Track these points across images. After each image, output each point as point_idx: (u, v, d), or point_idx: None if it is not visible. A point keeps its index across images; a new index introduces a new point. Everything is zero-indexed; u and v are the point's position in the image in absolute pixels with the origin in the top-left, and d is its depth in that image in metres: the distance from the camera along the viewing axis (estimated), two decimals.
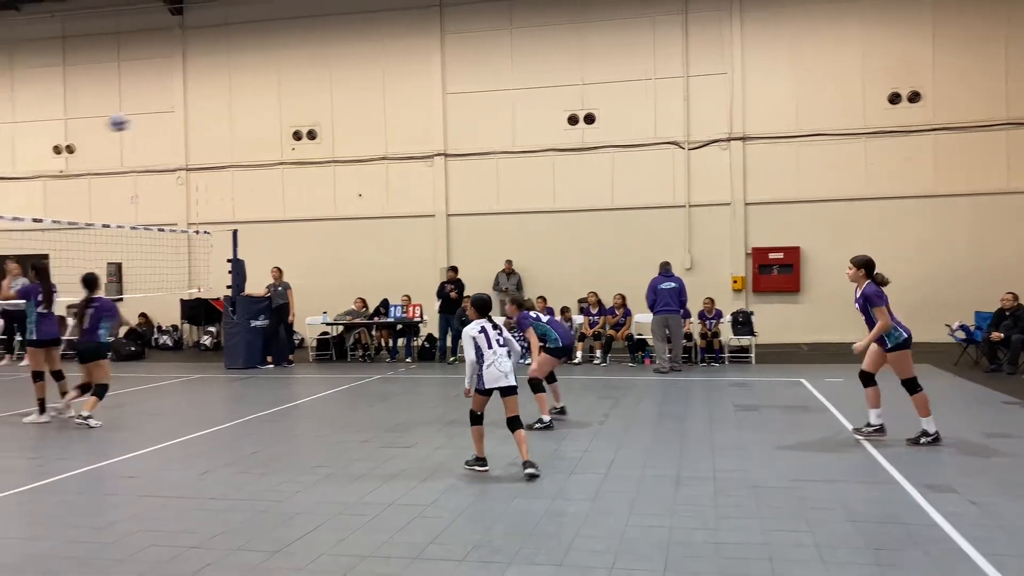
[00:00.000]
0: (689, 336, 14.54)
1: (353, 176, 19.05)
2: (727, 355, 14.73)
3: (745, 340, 14.79)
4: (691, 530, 5.13)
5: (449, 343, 15.72)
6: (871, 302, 7.45)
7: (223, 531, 5.25)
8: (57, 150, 20.44)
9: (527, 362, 9.62)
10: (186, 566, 4.61)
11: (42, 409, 9.56)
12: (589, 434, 8.30)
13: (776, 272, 17.35)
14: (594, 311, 15.40)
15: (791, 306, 17.29)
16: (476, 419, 6.74)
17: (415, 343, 16.16)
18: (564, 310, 15.20)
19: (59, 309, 18.03)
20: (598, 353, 14.97)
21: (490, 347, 6.58)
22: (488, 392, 6.60)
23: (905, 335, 7.50)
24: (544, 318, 9.12)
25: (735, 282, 17.43)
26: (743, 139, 17.45)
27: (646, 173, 17.73)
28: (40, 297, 9.70)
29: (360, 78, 18.95)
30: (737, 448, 7.54)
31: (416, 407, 10.46)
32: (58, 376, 10.00)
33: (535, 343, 8.50)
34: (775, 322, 16.74)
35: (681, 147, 17.67)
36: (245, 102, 19.51)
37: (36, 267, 10.04)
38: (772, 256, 17.33)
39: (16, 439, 8.63)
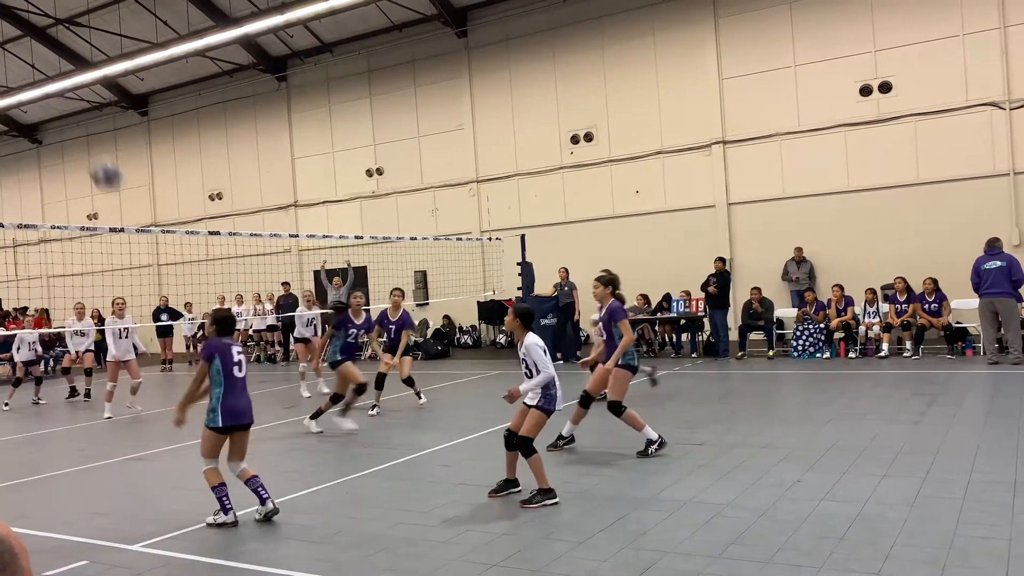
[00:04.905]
0: (1023, 323, 12.68)
1: (629, 173, 19.16)
2: None
3: None
4: None
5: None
6: (615, 316, 7.54)
7: (530, 520, 5.56)
8: (369, 173, 22.98)
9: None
10: (498, 553, 4.95)
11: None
12: (903, 434, 7.58)
13: None
14: (901, 298, 14.02)
15: None
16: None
17: (700, 338, 15.88)
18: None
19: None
20: (908, 344, 13.61)
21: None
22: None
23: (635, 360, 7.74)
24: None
25: None
26: None
27: (958, 141, 15.75)
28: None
29: (633, 75, 19.01)
30: None
31: (704, 403, 10.28)
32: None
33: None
34: None
35: (1001, 107, 15.45)
36: (526, 112, 20.47)
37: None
38: None
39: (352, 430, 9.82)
